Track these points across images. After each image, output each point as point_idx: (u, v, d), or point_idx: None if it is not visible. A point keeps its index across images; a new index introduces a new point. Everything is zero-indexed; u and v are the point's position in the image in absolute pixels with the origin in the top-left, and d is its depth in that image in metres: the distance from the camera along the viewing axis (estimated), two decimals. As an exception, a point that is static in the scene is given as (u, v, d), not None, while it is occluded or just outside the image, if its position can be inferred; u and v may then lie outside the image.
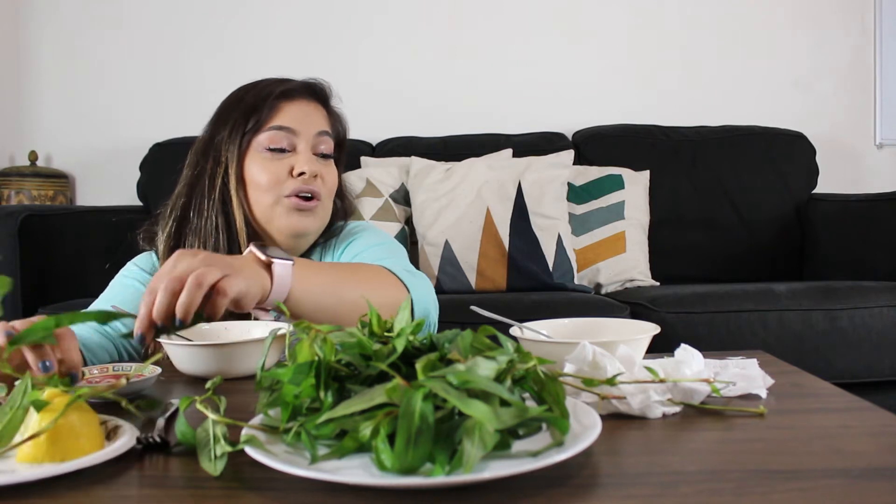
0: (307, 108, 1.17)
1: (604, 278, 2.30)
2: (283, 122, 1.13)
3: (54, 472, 0.53)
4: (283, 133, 1.13)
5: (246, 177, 1.13)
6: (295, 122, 1.14)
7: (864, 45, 2.84)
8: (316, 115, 1.17)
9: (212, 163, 1.14)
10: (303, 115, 1.15)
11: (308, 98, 1.18)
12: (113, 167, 2.74)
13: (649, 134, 2.61)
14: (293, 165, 1.12)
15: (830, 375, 1.01)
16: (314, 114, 1.17)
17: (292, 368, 0.58)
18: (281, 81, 1.18)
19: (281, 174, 1.12)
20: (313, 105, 1.18)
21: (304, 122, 1.14)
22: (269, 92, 1.15)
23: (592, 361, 0.69)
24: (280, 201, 1.11)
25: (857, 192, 2.54)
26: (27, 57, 2.82)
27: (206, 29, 2.78)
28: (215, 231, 1.12)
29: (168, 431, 0.65)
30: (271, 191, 1.11)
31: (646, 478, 0.53)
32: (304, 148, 1.14)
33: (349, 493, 0.50)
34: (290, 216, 1.12)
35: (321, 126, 1.17)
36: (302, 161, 1.12)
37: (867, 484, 0.50)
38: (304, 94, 1.18)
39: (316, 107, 1.19)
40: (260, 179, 1.12)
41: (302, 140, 1.14)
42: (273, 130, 1.13)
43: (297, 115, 1.15)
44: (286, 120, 1.14)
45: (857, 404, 0.71)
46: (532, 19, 2.82)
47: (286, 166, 1.12)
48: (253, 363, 0.88)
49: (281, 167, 1.12)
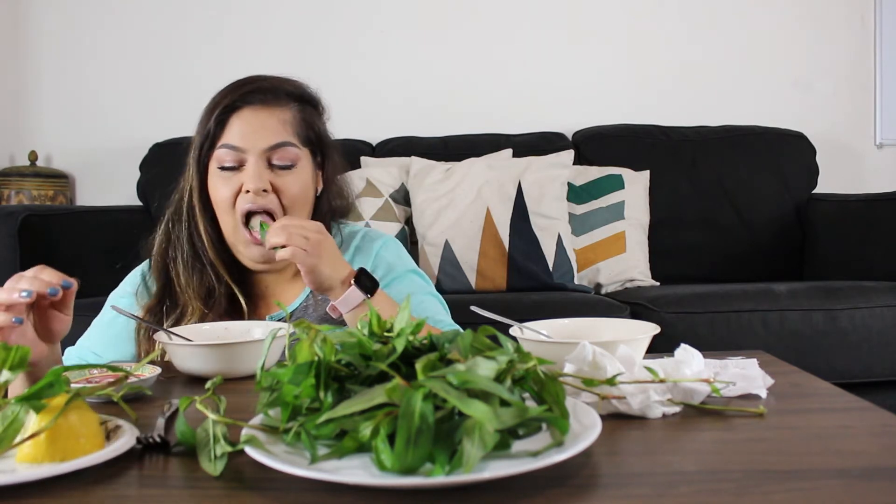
0: (257, 118, 1.09)
1: (604, 278, 2.30)
2: (230, 140, 1.09)
3: (54, 472, 0.53)
4: (232, 151, 1.08)
5: (210, 194, 1.12)
6: (241, 139, 1.08)
7: (864, 45, 2.84)
8: (269, 125, 1.09)
9: (186, 175, 1.15)
10: (251, 128, 1.09)
11: (261, 105, 1.10)
12: (113, 167, 2.74)
13: (649, 134, 2.61)
14: (243, 182, 1.08)
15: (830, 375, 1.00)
16: (266, 123, 1.09)
17: (292, 368, 0.58)
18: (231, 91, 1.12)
19: (232, 194, 1.09)
20: (267, 112, 1.10)
21: (251, 137, 1.08)
22: (220, 104, 1.10)
23: (592, 361, 0.69)
24: (238, 227, 1.09)
25: (857, 192, 2.53)
26: (27, 57, 2.82)
27: (206, 28, 2.77)
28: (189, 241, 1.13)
29: (168, 431, 0.65)
30: (228, 211, 1.09)
31: (646, 478, 0.53)
32: (254, 162, 1.08)
33: (349, 493, 0.50)
34: (250, 248, 1.10)
35: (274, 138, 1.09)
36: (248, 177, 1.07)
37: (867, 484, 0.50)
38: (256, 101, 1.10)
39: (270, 113, 1.10)
40: (216, 198, 1.10)
41: (251, 155, 1.08)
42: (222, 149, 1.09)
43: (245, 129, 1.09)
44: (233, 136, 1.09)
45: (857, 404, 0.71)
46: (532, 19, 2.82)
47: (237, 184, 1.08)
48: (253, 363, 0.88)
49: (232, 186, 1.09)
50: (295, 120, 1.13)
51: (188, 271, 1.12)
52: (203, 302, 1.10)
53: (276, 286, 1.18)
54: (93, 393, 0.65)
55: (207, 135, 1.10)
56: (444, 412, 0.52)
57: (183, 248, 1.13)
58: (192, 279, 1.12)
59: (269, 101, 1.11)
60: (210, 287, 1.12)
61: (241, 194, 1.08)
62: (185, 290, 1.12)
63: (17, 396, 0.58)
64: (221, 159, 1.09)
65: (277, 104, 1.12)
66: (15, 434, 0.57)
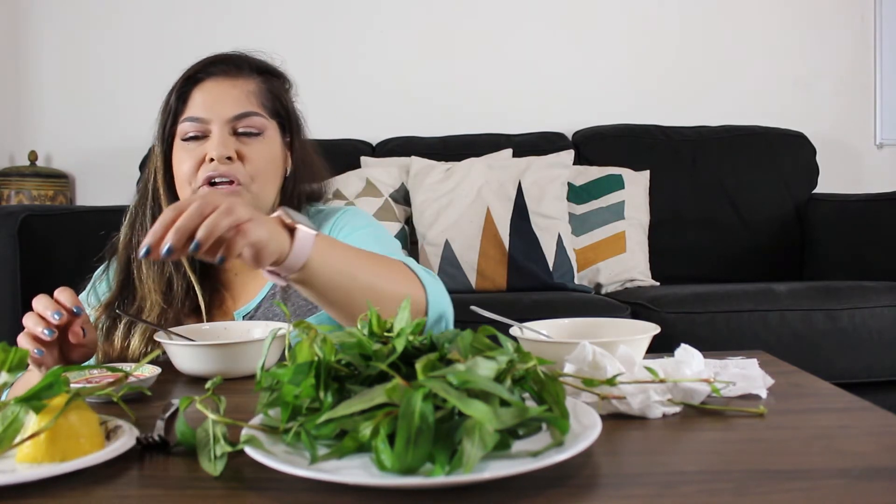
0: (222, 87, 1.08)
1: (604, 278, 2.30)
2: (193, 112, 1.07)
3: (54, 472, 0.53)
4: (196, 123, 1.06)
5: (174, 170, 1.09)
6: (204, 110, 1.06)
7: (864, 45, 2.84)
8: (233, 94, 1.08)
9: (152, 157, 1.13)
10: (214, 99, 1.07)
11: (223, 76, 1.09)
12: (113, 167, 2.74)
13: (649, 134, 2.61)
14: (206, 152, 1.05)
15: (830, 375, 1.00)
16: (230, 93, 1.08)
17: (292, 368, 0.58)
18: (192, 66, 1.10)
19: (195, 164, 1.05)
20: (230, 82, 1.09)
21: (214, 108, 1.06)
22: (181, 79, 1.09)
23: (592, 361, 0.69)
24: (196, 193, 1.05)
25: (857, 192, 2.54)
26: (27, 57, 2.82)
27: (205, 28, 2.77)
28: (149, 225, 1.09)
29: (168, 431, 0.65)
30: (187, 183, 1.06)
31: (646, 478, 0.53)
32: (218, 131, 1.05)
33: (349, 493, 0.50)
34: None
35: (238, 107, 1.07)
36: (211, 145, 1.04)
37: (867, 484, 0.50)
38: (218, 73, 1.09)
39: (234, 83, 1.09)
40: (179, 172, 1.07)
41: (215, 125, 1.06)
42: (185, 122, 1.07)
43: (207, 100, 1.07)
44: (197, 108, 1.07)
45: (857, 404, 0.71)
46: (532, 19, 2.82)
47: (200, 154, 1.05)
48: (253, 363, 0.88)
49: (195, 156, 1.05)
50: (260, 91, 1.11)
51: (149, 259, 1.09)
52: (163, 295, 1.08)
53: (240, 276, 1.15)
54: (93, 393, 0.65)
55: (169, 112, 1.09)
56: (444, 412, 0.52)
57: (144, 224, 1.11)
58: (152, 268, 1.09)
59: (231, 73, 1.10)
60: (170, 278, 1.09)
61: (204, 164, 1.05)
62: (144, 282, 1.09)
63: (17, 397, 0.58)
64: (184, 131, 1.07)
65: (240, 75, 1.10)
66: (15, 434, 0.57)
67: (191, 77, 1.09)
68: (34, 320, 0.89)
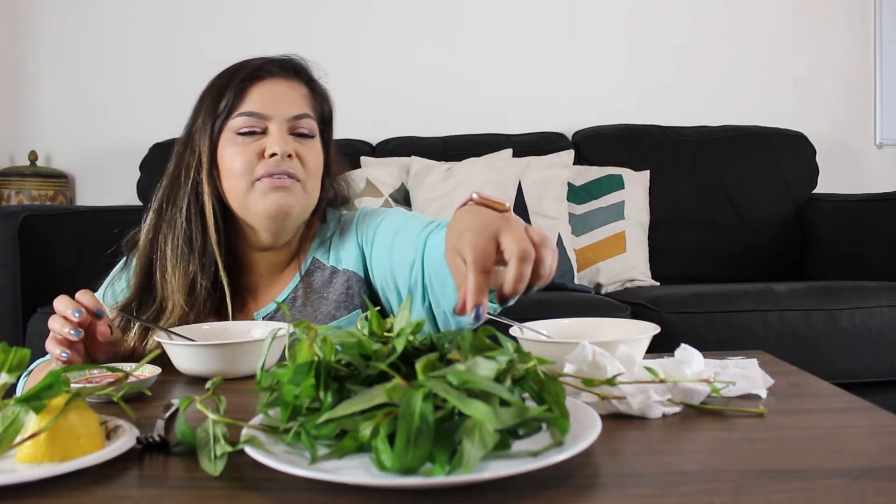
0: (280, 88, 1.09)
1: (604, 278, 2.30)
2: (253, 108, 1.06)
3: (54, 472, 0.53)
4: (254, 118, 1.06)
5: (220, 165, 1.08)
6: (265, 107, 1.07)
7: (864, 45, 2.84)
8: (291, 96, 1.10)
9: (188, 153, 1.11)
10: (275, 97, 1.08)
11: (281, 77, 1.11)
12: (113, 167, 2.74)
13: (649, 134, 2.61)
14: (265, 147, 1.05)
15: (830, 375, 1.00)
16: (289, 94, 1.10)
17: (292, 368, 0.58)
18: (251, 62, 1.11)
19: (252, 158, 1.05)
20: (287, 84, 1.11)
21: (275, 106, 1.07)
22: (238, 75, 1.09)
23: (592, 361, 0.69)
24: (254, 186, 1.05)
25: (857, 192, 2.54)
26: (27, 57, 2.82)
27: (205, 28, 2.77)
28: (186, 222, 1.08)
29: (168, 431, 0.65)
30: (243, 176, 1.05)
31: (646, 478, 0.53)
32: (277, 129, 1.06)
33: (349, 493, 0.50)
34: (266, 197, 1.05)
35: (296, 109, 1.09)
36: (273, 142, 1.05)
37: (867, 484, 0.50)
38: (277, 74, 1.10)
39: (291, 85, 1.11)
40: (232, 166, 1.06)
41: (274, 122, 1.06)
42: (241, 117, 1.06)
43: (268, 98, 1.08)
44: (255, 104, 1.07)
45: (857, 404, 0.71)
46: (532, 19, 2.82)
47: (257, 149, 1.05)
48: (253, 363, 0.88)
49: (252, 151, 1.05)
50: (310, 96, 1.14)
51: (175, 258, 1.07)
52: (186, 297, 1.06)
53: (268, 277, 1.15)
54: (93, 393, 0.65)
55: (225, 106, 1.08)
56: (444, 412, 0.52)
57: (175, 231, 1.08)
58: (178, 268, 1.08)
59: (289, 75, 1.12)
60: (194, 279, 1.07)
61: (262, 160, 1.05)
62: (168, 283, 1.07)
63: (17, 397, 0.58)
64: (238, 126, 1.06)
65: (297, 79, 1.13)
66: (15, 434, 0.57)
67: (248, 74, 1.09)
68: (59, 322, 0.91)
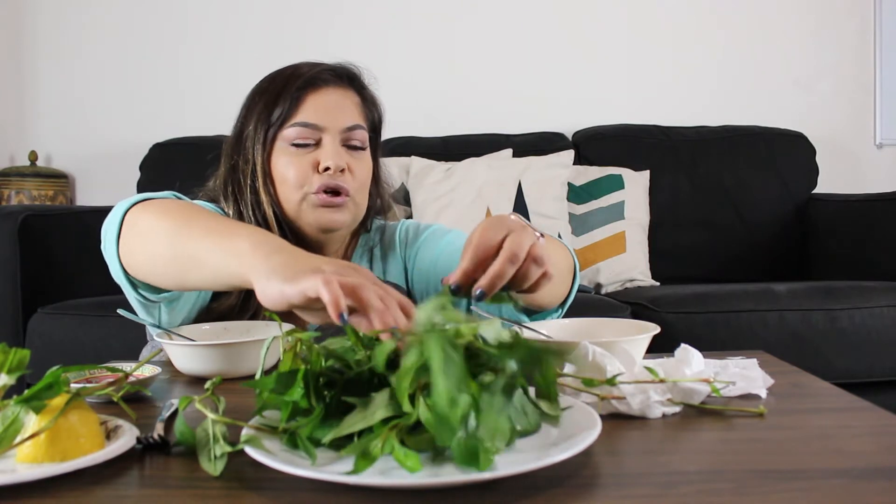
0: (334, 97, 1.09)
1: (604, 278, 2.30)
2: (308, 118, 1.06)
3: (54, 472, 0.53)
4: (308, 129, 1.06)
5: (273, 173, 1.08)
6: (320, 117, 1.07)
7: (864, 45, 2.84)
8: (345, 105, 1.09)
9: (241, 159, 1.10)
10: (329, 107, 1.08)
11: (335, 85, 1.10)
12: (113, 167, 2.74)
13: (649, 134, 2.61)
14: (318, 160, 1.05)
15: (830, 375, 1.00)
16: (343, 104, 1.09)
17: (274, 377, 0.57)
18: (307, 68, 1.10)
19: (306, 170, 1.05)
20: (341, 92, 1.10)
21: (330, 116, 1.07)
22: (293, 82, 1.08)
23: (592, 361, 0.69)
24: (307, 198, 1.05)
25: (857, 192, 2.54)
26: (27, 57, 2.82)
27: (206, 28, 2.77)
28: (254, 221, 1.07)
29: (168, 431, 0.65)
30: (297, 188, 1.05)
31: (646, 478, 0.53)
32: (331, 141, 1.06)
33: (349, 493, 0.50)
34: (317, 212, 1.05)
35: (350, 119, 1.08)
36: (327, 155, 1.05)
37: (867, 484, 0.50)
38: (331, 82, 1.10)
39: (345, 94, 1.10)
40: (286, 175, 1.06)
41: (328, 134, 1.06)
42: (297, 127, 1.06)
43: (323, 107, 1.07)
44: (310, 114, 1.06)
45: (857, 404, 0.71)
46: (532, 19, 2.82)
47: (311, 161, 1.06)
48: (253, 363, 0.88)
49: (306, 162, 1.05)
50: (362, 105, 1.13)
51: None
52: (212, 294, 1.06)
53: None
54: (93, 393, 0.65)
55: (281, 114, 1.07)
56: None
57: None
58: None
59: (343, 83, 1.11)
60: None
61: (316, 172, 1.05)
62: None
63: (17, 397, 0.58)
64: (293, 137, 1.06)
65: (350, 87, 1.12)
66: (15, 434, 0.57)
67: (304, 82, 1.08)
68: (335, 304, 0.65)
